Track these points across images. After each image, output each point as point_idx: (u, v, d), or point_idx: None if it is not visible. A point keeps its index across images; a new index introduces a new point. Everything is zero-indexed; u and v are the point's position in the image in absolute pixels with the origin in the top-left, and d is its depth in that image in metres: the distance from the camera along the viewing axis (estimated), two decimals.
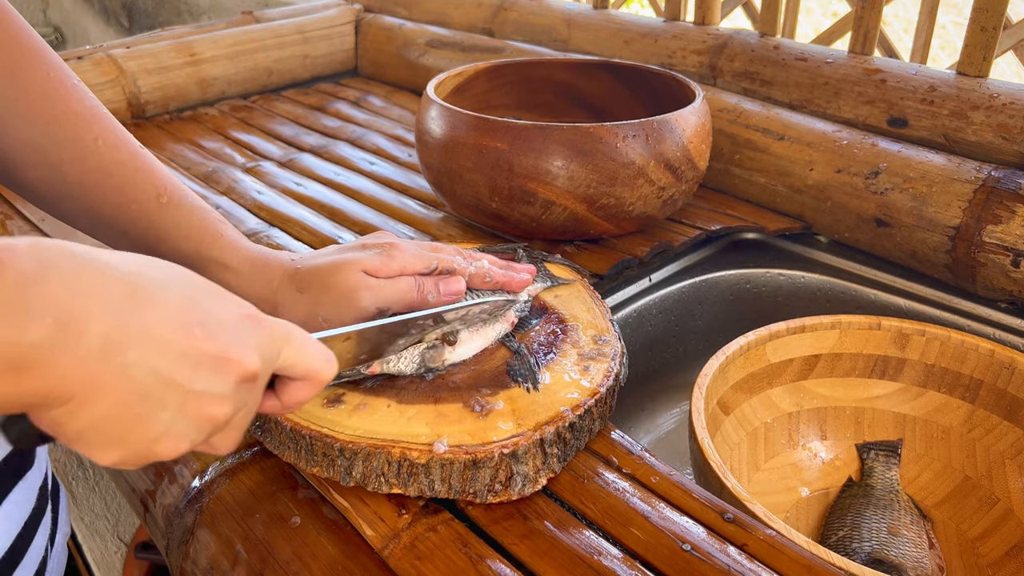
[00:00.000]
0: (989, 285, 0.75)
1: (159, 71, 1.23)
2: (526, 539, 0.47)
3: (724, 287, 0.84)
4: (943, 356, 0.67)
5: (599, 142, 0.72)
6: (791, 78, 0.93)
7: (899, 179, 0.79)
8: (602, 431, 0.55)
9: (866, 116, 0.87)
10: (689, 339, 0.85)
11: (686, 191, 0.80)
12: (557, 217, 0.76)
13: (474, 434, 0.49)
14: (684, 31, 1.05)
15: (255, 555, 0.49)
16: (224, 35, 1.31)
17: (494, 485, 0.49)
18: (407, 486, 0.49)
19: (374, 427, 0.50)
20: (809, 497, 0.68)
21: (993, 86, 0.79)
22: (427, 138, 0.80)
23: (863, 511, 0.64)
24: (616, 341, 0.59)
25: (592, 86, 0.96)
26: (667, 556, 0.46)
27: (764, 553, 0.46)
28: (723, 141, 0.93)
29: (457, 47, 1.28)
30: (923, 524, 0.63)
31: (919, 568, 0.59)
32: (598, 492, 0.51)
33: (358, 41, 1.46)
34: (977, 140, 0.79)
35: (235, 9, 2.00)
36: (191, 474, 0.56)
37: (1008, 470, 0.64)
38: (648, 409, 0.84)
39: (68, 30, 2.90)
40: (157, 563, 0.89)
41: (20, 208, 0.92)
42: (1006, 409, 0.65)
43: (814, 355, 0.70)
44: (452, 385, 0.54)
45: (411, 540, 0.48)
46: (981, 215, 0.74)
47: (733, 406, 0.68)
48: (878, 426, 0.70)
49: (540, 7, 1.24)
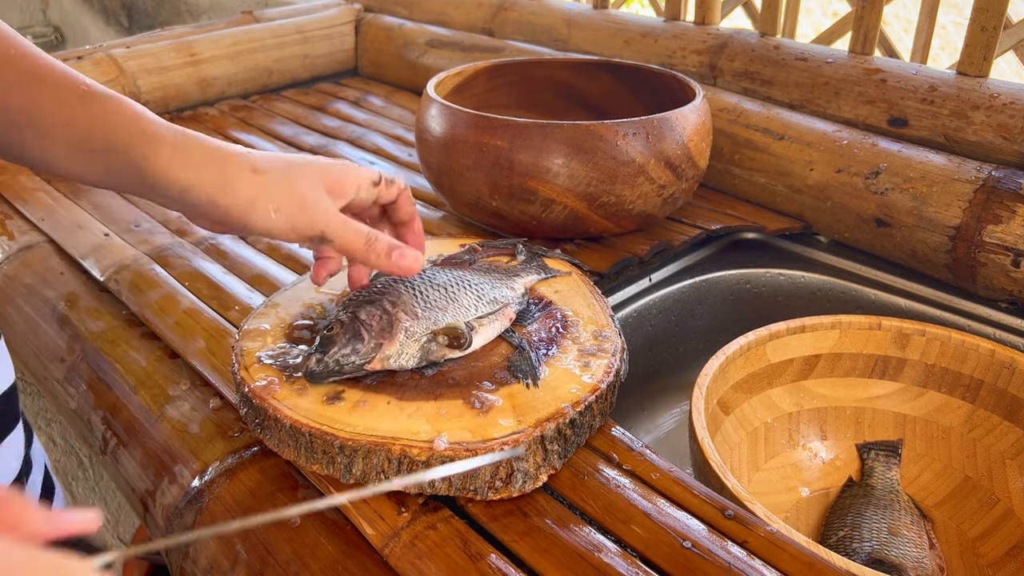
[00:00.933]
0: (989, 285, 0.74)
1: (159, 71, 1.23)
2: (526, 536, 0.47)
3: (724, 287, 0.84)
4: (943, 356, 0.67)
5: (599, 140, 0.72)
6: (791, 78, 0.93)
7: (899, 179, 0.79)
8: (602, 427, 0.55)
9: (866, 116, 0.87)
10: (689, 339, 0.85)
11: (686, 190, 0.80)
12: (557, 215, 0.76)
13: (474, 431, 0.49)
14: (684, 31, 1.05)
15: (255, 555, 0.49)
16: (224, 35, 1.31)
17: (494, 482, 0.49)
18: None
19: (374, 424, 0.50)
20: (809, 497, 0.68)
21: (993, 86, 0.79)
22: (427, 136, 0.80)
23: (863, 511, 0.63)
24: (616, 337, 0.59)
25: (592, 86, 0.96)
26: (667, 553, 0.46)
27: (765, 550, 0.46)
28: (723, 141, 0.93)
29: (457, 47, 1.28)
30: (923, 524, 0.63)
31: (919, 568, 0.59)
32: (598, 489, 0.51)
33: (358, 41, 1.46)
34: (977, 140, 0.79)
35: (235, 9, 2.00)
36: (191, 474, 0.56)
37: (1008, 470, 0.64)
38: (648, 409, 0.84)
39: (68, 30, 2.90)
40: (157, 563, 0.89)
41: (20, 208, 0.92)
42: (1006, 409, 0.65)
43: (814, 355, 0.70)
44: (452, 381, 0.54)
45: (411, 538, 0.47)
46: (981, 215, 0.74)
47: (733, 406, 0.68)
48: (878, 426, 0.70)
49: (540, 7, 1.24)
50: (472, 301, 0.58)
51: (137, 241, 0.84)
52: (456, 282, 0.60)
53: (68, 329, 0.73)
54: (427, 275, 0.60)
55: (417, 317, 0.55)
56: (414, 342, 0.54)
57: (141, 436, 0.60)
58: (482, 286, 0.60)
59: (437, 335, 0.55)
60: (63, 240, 0.84)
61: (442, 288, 0.59)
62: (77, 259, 0.81)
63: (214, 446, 0.57)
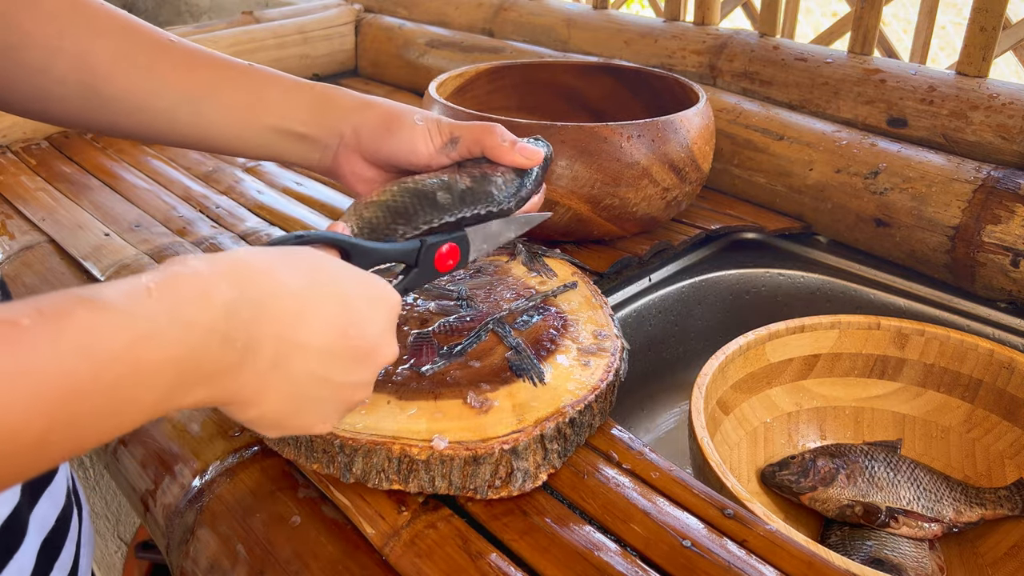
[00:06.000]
0: (988, 285, 0.75)
1: None
2: (526, 535, 0.47)
3: (724, 287, 0.84)
4: (942, 356, 0.67)
5: (604, 142, 0.72)
6: (791, 78, 0.93)
7: (898, 179, 0.80)
8: (602, 427, 0.56)
9: (866, 116, 0.87)
10: (689, 339, 0.85)
11: (690, 192, 0.80)
12: (561, 217, 0.76)
13: (474, 430, 0.49)
14: (684, 31, 1.05)
15: (255, 554, 0.49)
16: (224, 35, 1.31)
17: (494, 481, 0.49)
18: (407, 482, 0.49)
19: (374, 423, 0.50)
20: None
21: (992, 86, 0.79)
22: None
23: None
24: (616, 336, 0.59)
25: (594, 89, 0.96)
26: (667, 552, 0.46)
27: (765, 549, 0.46)
28: (723, 141, 0.93)
29: (457, 47, 1.28)
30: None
31: (919, 568, 0.59)
32: (598, 488, 0.51)
33: (358, 41, 1.46)
34: (976, 140, 0.79)
35: (235, 9, 2.00)
36: (191, 473, 0.56)
37: (1007, 470, 0.64)
38: (648, 409, 0.84)
39: None
40: (157, 563, 0.89)
41: (20, 208, 0.92)
42: (1005, 409, 0.65)
43: (814, 355, 0.70)
44: (451, 381, 0.54)
45: (411, 537, 0.48)
46: (980, 215, 0.74)
47: (733, 406, 0.68)
48: (877, 426, 0.70)
49: (540, 7, 1.24)
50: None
51: (137, 241, 0.84)
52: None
53: None
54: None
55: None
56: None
57: (142, 435, 0.60)
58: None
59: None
60: (64, 240, 0.85)
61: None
62: (78, 259, 0.81)
63: (215, 445, 0.57)
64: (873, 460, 0.64)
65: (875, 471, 0.63)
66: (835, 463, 0.64)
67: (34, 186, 0.98)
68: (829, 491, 0.63)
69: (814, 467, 0.63)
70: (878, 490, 0.63)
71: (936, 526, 0.61)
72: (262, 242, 0.85)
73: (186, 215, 0.91)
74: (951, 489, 0.63)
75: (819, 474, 0.63)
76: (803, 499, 0.63)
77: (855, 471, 0.63)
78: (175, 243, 0.83)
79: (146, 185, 0.99)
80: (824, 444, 0.70)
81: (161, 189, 0.98)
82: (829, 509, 0.63)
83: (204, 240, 0.84)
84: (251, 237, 0.86)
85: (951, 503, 0.62)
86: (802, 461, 0.64)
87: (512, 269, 0.69)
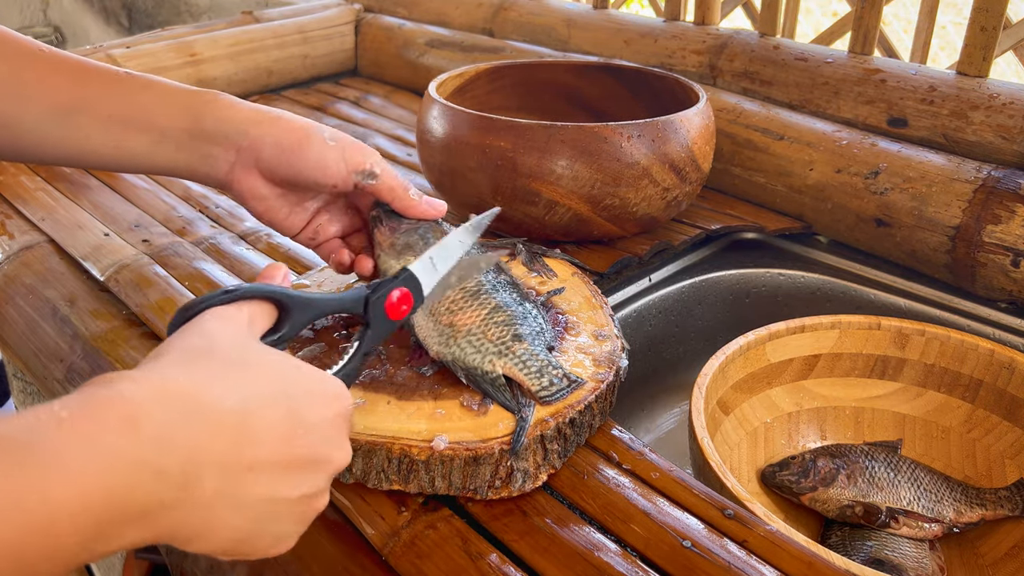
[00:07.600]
0: (989, 285, 0.75)
1: (159, 71, 1.23)
2: (526, 535, 0.47)
3: (724, 287, 0.84)
4: (943, 356, 0.67)
5: (604, 142, 0.72)
6: (791, 78, 0.93)
7: (899, 179, 0.79)
8: (602, 427, 0.55)
9: (866, 116, 0.87)
10: (689, 339, 0.85)
11: (690, 192, 0.80)
12: (561, 217, 0.76)
13: (474, 430, 0.49)
14: (684, 31, 1.05)
15: None
16: (224, 35, 1.31)
17: (494, 481, 0.49)
18: (407, 483, 0.49)
19: (374, 424, 0.50)
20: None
21: (993, 86, 0.79)
22: (429, 137, 0.80)
23: None
24: (616, 336, 0.59)
25: (594, 89, 0.96)
26: (667, 552, 0.46)
27: (765, 550, 0.46)
28: (723, 141, 0.93)
29: (457, 47, 1.28)
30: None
31: (919, 568, 0.59)
32: (598, 488, 0.51)
33: (358, 41, 1.46)
34: (977, 140, 0.79)
35: (235, 9, 2.00)
36: None
37: (1008, 470, 0.64)
38: (648, 409, 0.84)
39: (68, 30, 2.90)
40: (157, 563, 0.89)
41: (20, 208, 0.92)
42: (1006, 409, 0.65)
43: (814, 355, 0.70)
44: (451, 382, 0.54)
45: (411, 538, 0.47)
46: (981, 215, 0.74)
47: (733, 406, 0.68)
48: (878, 426, 0.70)
49: (540, 7, 1.24)
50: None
51: (137, 241, 0.84)
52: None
53: (68, 329, 0.73)
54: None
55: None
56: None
57: None
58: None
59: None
60: (63, 240, 0.84)
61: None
62: (77, 259, 0.81)
63: None
64: (873, 460, 0.64)
65: (875, 471, 0.63)
66: (835, 463, 0.64)
67: (33, 186, 0.98)
68: (829, 491, 0.63)
69: (814, 467, 0.63)
70: (878, 490, 0.63)
71: (936, 526, 0.61)
72: (262, 242, 0.84)
73: (186, 215, 0.91)
74: (951, 489, 0.63)
75: (819, 474, 0.63)
76: (803, 499, 0.63)
77: (855, 471, 0.63)
78: (175, 243, 0.83)
79: (146, 185, 0.99)
80: (824, 444, 0.70)
81: (161, 189, 0.97)
82: (829, 509, 0.63)
83: (203, 240, 0.84)
84: (250, 237, 0.86)
85: (951, 503, 0.62)
86: (802, 461, 0.64)
87: (512, 269, 0.69)
